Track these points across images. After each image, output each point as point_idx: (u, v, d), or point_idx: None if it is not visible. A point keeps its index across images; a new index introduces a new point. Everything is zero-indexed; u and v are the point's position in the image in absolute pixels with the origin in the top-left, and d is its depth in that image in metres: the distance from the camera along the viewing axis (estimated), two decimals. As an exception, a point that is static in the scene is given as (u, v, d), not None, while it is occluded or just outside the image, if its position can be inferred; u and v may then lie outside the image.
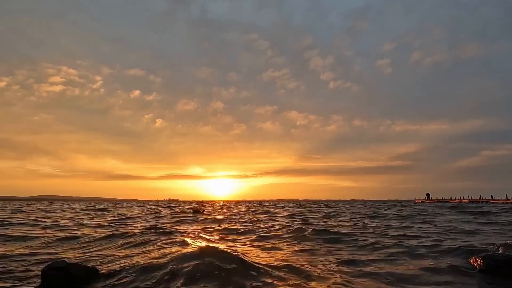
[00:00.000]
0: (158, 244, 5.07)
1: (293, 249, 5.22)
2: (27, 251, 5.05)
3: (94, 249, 5.17)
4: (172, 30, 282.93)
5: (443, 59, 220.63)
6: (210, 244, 4.57)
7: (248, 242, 6.09)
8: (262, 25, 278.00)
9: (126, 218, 13.07)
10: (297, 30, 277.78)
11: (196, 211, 17.54)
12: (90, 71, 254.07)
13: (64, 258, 4.27)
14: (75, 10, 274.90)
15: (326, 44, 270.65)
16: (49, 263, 3.36)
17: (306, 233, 6.92)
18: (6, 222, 10.03)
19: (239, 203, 61.71)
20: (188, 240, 5.16)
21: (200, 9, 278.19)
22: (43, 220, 11.36)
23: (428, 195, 58.70)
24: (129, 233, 6.63)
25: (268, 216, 14.27)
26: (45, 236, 6.78)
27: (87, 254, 4.72)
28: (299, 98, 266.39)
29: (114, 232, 6.83)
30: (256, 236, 6.97)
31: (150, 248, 4.81)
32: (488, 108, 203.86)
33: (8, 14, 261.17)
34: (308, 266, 3.88)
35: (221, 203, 52.38)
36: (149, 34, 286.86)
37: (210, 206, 33.92)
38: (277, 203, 53.92)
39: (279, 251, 5.04)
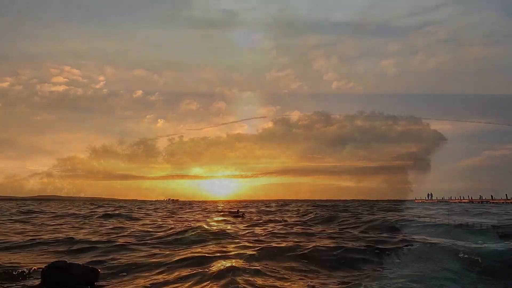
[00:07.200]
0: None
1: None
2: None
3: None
4: (176, 30, 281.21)
5: (447, 59, 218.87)
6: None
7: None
8: (266, 24, 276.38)
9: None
10: (302, 30, 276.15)
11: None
12: (93, 71, 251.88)
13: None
14: (79, 10, 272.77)
15: (331, 44, 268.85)
16: (48, 263, 3.36)
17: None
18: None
19: (240, 203, 61.53)
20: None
21: (204, 8, 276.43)
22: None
23: (429, 195, 58.96)
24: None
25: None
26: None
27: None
28: (302, 98, 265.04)
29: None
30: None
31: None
32: (490, 108, 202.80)
33: (11, 13, 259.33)
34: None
35: (221, 204, 52.21)
36: (152, 33, 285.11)
37: (211, 209, 33.83)
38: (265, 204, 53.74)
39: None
